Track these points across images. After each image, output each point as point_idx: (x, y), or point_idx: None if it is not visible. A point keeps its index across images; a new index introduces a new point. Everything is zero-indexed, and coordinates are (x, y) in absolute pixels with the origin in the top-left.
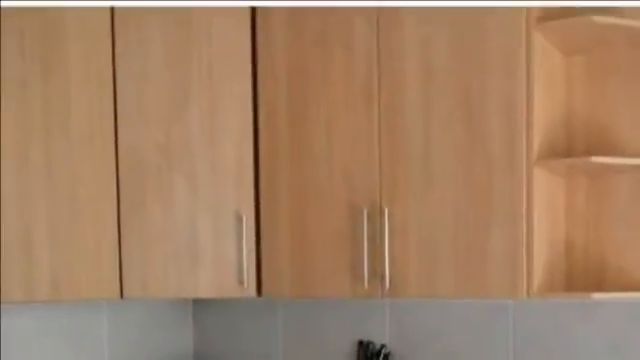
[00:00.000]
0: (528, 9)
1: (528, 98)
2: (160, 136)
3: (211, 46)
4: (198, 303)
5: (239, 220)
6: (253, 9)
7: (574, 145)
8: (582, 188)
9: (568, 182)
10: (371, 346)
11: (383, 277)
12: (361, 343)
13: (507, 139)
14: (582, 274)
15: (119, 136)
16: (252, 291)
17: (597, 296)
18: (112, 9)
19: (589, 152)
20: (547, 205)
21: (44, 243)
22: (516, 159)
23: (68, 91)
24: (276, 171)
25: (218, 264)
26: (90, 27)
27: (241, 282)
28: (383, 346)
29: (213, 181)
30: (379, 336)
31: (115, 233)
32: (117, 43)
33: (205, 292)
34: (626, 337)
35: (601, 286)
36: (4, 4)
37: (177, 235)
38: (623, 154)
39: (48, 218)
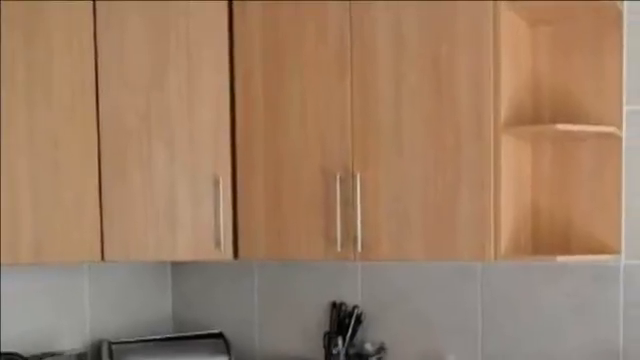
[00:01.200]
0: None
1: (495, 68)
2: (140, 103)
3: (189, 18)
4: (177, 266)
5: (216, 185)
6: None
7: (540, 113)
8: (547, 154)
9: (534, 148)
10: (344, 307)
11: (355, 240)
12: (334, 304)
13: (475, 107)
14: (548, 237)
15: (100, 103)
16: (229, 254)
17: (562, 259)
18: None
19: (554, 120)
20: (514, 170)
21: (27, 208)
22: (484, 126)
23: (51, 61)
24: (252, 138)
25: (196, 228)
26: None
27: (218, 245)
28: (355, 307)
29: (191, 147)
30: (352, 297)
31: (96, 198)
32: (98, 14)
33: (183, 255)
34: (590, 298)
35: (566, 249)
36: None
37: (156, 199)
38: (587, 122)
39: (31, 184)
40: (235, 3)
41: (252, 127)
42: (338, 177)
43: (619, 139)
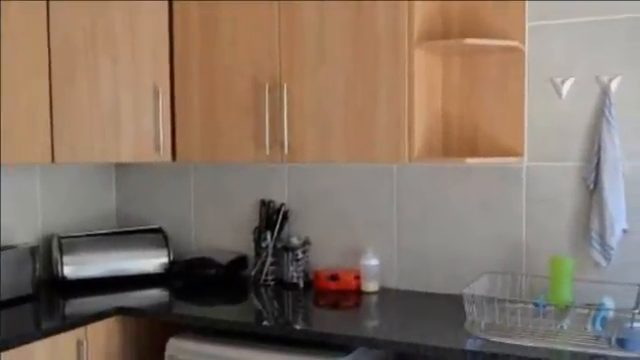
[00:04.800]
0: None
1: None
2: (87, 22)
3: None
4: (120, 167)
5: (156, 95)
6: None
7: (450, 29)
8: (457, 66)
9: (445, 61)
10: (272, 205)
11: (282, 144)
12: (263, 202)
13: (391, 24)
14: (457, 141)
15: (50, 22)
16: (167, 156)
17: (470, 161)
18: None
19: (463, 35)
20: (426, 81)
21: None
22: (399, 41)
23: None
24: (189, 53)
25: (138, 133)
26: None
27: (158, 148)
28: (283, 204)
29: (133, 61)
30: (279, 196)
31: (47, 107)
32: None
33: (126, 157)
34: (494, 196)
35: (474, 152)
36: None
37: (102, 108)
38: (494, 37)
39: None
40: None
41: (189, 43)
42: (267, 87)
43: (522, 52)
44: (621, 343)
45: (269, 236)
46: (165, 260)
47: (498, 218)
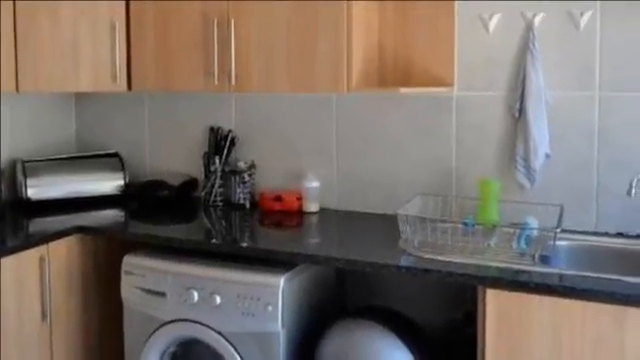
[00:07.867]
0: None
1: None
2: None
3: None
4: (80, 97)
5: (113, 29)
6: None
7: None
8: (391, 4)
9: None
10: (220, 131)
11: (230, 75)
12: (212, 128)
13: None
14: (392, 73)
15: None
16: (123, 86)
17: (405, 90)
18: None
19: None
20: (363, 18)
21: None
22: None
23: None
24: None
25: (96, 64)
26: None
27: (114, 79)
28: (230, 131)
29: None
30: (227, 123)
31: (12, 41)
32: None
33: (85, 87)
34: (427, 123)
35: (408, 82)
36: None
37: (62, 42)
38: None
39: None
40: None
41: None
42: (216, 22)
43: None
44: (544, 260)
45: (217, 160)
46: (121, 182)
47: (430, 144)
